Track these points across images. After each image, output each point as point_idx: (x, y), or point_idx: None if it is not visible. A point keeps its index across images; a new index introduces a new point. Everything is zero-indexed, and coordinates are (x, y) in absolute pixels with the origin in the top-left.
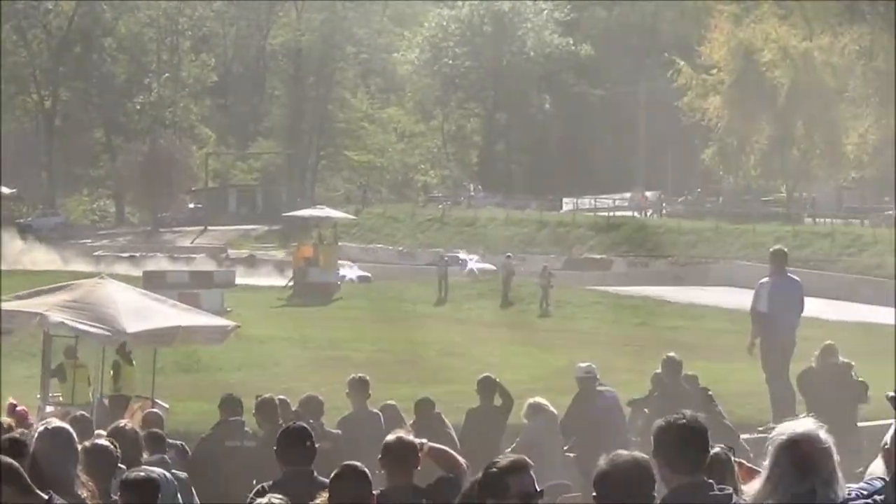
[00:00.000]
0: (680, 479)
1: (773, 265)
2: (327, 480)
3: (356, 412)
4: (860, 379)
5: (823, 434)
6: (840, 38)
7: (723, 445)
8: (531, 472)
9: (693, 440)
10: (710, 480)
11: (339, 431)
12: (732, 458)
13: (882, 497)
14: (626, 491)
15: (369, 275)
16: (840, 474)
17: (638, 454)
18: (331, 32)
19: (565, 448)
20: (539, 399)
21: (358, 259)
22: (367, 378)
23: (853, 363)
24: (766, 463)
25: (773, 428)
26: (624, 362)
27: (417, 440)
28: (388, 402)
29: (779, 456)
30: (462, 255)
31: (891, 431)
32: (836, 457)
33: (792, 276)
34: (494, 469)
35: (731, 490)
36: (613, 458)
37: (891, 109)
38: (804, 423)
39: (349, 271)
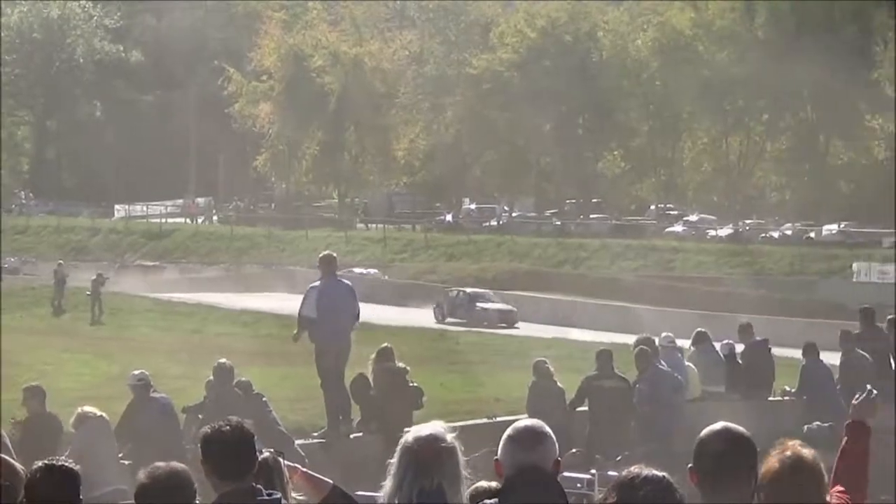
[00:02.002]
0: (227, 486)
1: (322, 270)
2: None
3: None
4: (415, 384)
5: (449, 435)
6: (390, 43)
7: (272, 450)
8: None
9: (239, 446)
10: (259, 486)
11: None
12: (282, 463)
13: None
14: (167, 502)
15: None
16: (465, 474)
17: (176, 464)
18: None
19: (120, 455)
20: (86, 408)
21: None
22: None
23: (408, 368)
24: (394, 461)
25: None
26: (178, 369)
27: None
28: None
29: (403, 455)
30: (469, 290)
31: (500, 445)
32: (461, 457)
33: (343, 280)
34: None
35: (279, 495)
36: (152, 471)
37: (440, 115)
38: (431, 426)
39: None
